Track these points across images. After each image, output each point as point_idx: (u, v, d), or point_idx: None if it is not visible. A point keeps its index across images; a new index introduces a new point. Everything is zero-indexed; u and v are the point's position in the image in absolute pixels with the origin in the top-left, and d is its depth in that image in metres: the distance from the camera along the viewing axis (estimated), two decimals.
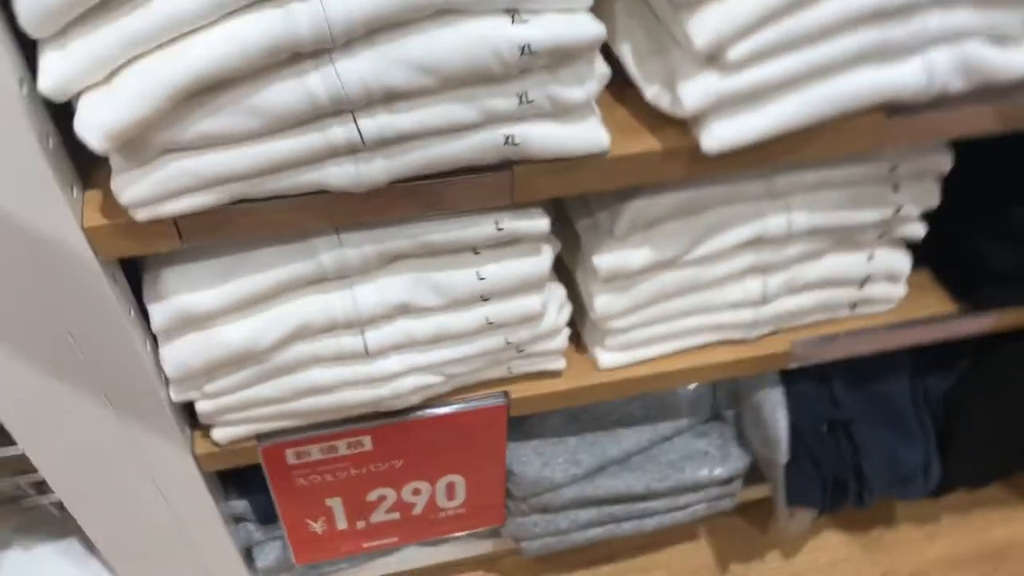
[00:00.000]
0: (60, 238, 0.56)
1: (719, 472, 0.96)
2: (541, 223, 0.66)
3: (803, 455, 0.94)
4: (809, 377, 0.95)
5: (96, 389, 0.68)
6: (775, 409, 0.91)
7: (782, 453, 0.91)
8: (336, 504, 0.88)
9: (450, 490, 0.91)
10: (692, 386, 0.98)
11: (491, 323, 0.72)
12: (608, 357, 0.82)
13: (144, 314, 0.66)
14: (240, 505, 0.90)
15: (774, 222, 0.73)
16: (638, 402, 0.96)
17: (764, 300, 0.79)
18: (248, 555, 0.96)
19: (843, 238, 0.78)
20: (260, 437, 0.78)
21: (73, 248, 0.57)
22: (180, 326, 0.66)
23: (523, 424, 0.94)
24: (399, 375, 0.74)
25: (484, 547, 1.05)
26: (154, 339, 0.69)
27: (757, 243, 0.75)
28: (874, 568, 1.13)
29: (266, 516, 0.91)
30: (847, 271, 0.81)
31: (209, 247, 0.64)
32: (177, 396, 0.72)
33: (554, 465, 0.92)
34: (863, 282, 0.82)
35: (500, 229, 0.65)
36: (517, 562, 1.13)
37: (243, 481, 0.90)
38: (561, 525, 0.97)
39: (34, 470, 0.79)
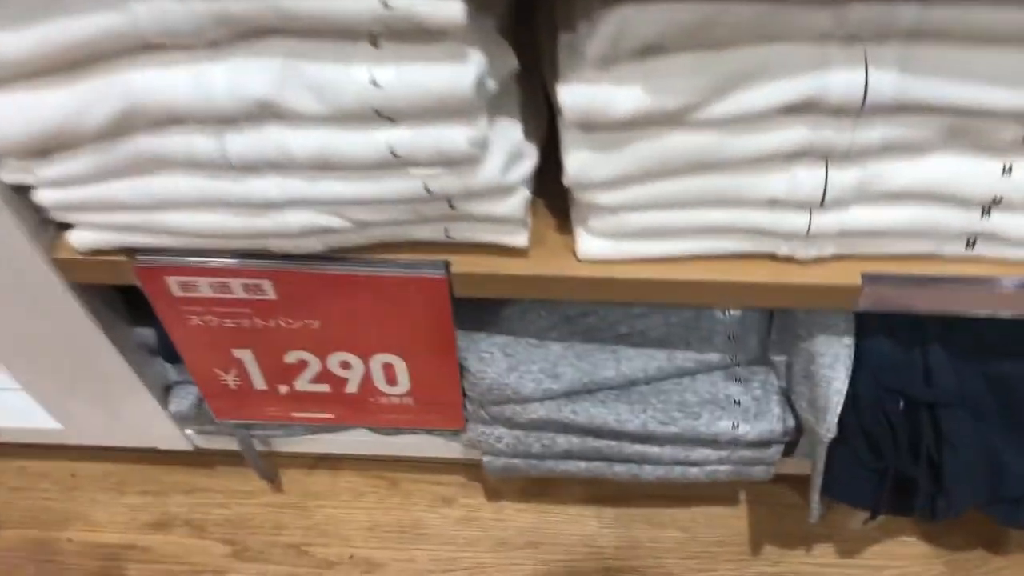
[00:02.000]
0: None
1: (745, 430, 0.72)
2: (452, 6, 0.43)
3: (857, 434, 0.68)
4: (897, 331, 0.67)
5: None
6: (833, 364, 0.66)
7: (827, 425, 0.66)
8: (247, 357, 0.71)
9: (388, 372, 0.72)
10: (736, 312, 0.73)
11: (397, 156, 0.51)
12: (591, 244, 0.59)
13: None
14: (147, 334, 0.75)
15: (841, 79, 0.47)
16: (658, 317, 0.72)
17: (822, 202, 0.54)
18: (166, 394, 0.82)
19: (963, 129, 0.50)
20: (134, 252, 0.62)
21: None
22: None
23: (493, 313, 0.73)
24: (281, 206, 0.55)
25: (453, 449, 0.86)
26: None
27: (812, 109, 0.49)
28: None
29: (175, 354, 0.76)
30: (965, 184, 0.53)
31: None
32: (3, 174, 0.57)
33: (523, 371, 0.71)
34: (989, 206, 0.54)
35: (387, 5, 0.44)
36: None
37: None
38: (532, 447, 0.77)
39: None
